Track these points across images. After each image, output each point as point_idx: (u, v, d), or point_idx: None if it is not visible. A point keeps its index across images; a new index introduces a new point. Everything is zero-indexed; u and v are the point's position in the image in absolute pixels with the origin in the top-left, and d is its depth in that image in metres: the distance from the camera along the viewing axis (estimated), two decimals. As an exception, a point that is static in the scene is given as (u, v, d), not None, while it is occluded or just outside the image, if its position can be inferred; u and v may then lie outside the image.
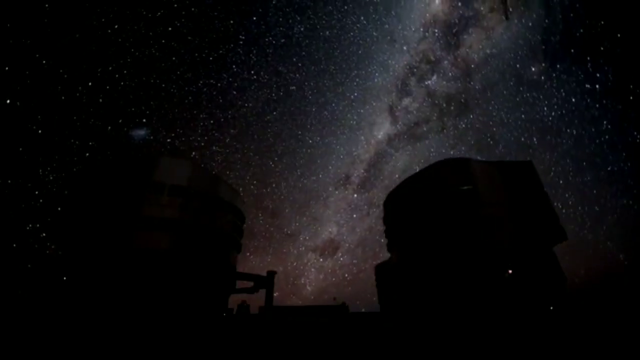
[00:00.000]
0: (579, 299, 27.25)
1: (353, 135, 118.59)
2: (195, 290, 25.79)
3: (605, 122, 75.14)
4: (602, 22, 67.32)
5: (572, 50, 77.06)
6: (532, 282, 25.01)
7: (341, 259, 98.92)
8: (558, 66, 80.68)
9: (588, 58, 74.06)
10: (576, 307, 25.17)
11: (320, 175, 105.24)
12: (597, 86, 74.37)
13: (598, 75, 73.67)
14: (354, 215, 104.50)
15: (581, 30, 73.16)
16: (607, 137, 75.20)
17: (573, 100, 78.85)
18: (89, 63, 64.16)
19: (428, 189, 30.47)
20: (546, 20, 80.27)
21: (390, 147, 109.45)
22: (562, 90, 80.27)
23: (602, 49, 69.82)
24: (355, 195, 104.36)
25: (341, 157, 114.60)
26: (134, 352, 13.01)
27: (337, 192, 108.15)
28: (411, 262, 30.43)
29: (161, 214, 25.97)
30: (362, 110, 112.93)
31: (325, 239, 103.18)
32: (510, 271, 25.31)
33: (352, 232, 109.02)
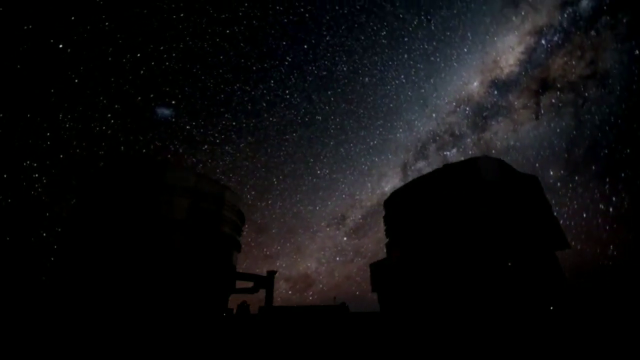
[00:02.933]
0: (579, 297, 27.25)
1: (361, 179, 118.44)
2: (196, 290, 25.83)
3: (611, 247, 71.70)
4: (628, 151, 68.11)
5: (593, 167, 76.51)
6: (531, 282, 25.05)
7: (310, 297, 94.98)
8: (576, 178, 79.79)
9: (607, 179, 73.93)
10: (576, 306, 25.20)
11: (317, 208, 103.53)
12: (610, 209, 72.94)
13: (614, 199, 72.46)
14: (337, 258, 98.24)
15: (606, 151, 73.63)
16: (610, 263, 72.70)
17: (584, 215, 77.08)
18: (157, 44, 72.82)
19: (435, 187, 30.61)
20: (574, 132, 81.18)
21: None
22: (575, 202, 78.78)
23: (622, 175, 70.05)
24: (345, 239, 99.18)
25: (343, 196, 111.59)
26: (135, 351, 13.02)
27: (328, 229, 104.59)
28: (414, 260, 30.47)
29: (172, 215, 26.61)
30: (376, 159, 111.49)
31: (301, 272, 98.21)
32: (509, 264, 25.34)
33: (329, 275, 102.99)
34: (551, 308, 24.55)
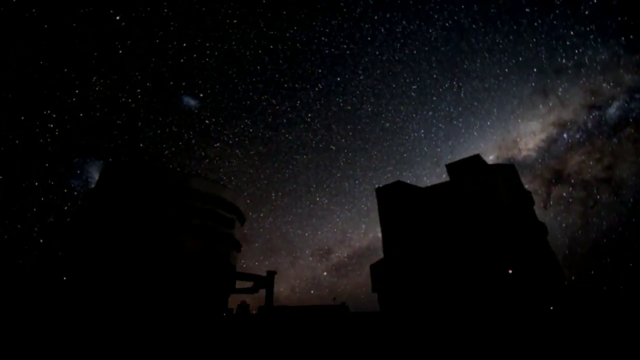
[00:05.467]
0: (578, 296, 27.27)
1: (357, 218, 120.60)
2: (197, 290, 25.82)
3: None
4: (631, 265, 66.53)
5: (592, 272, 73.93)
6: (531, 282, 25.02)
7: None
8: (573, 278, 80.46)
9: (604, 288, 72.67)
10: (576, 305, 25.19)
11: (306, 234, 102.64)
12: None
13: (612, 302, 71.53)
14: (312, 292, 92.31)
15: (608, 259, 72.04)
16: None
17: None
18: (201, 40, 77.14)
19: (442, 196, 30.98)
20: (579, 232, 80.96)
21: (381, 251, 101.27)
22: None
23: (621, 287, 69.27)
24: (325, 274, 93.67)
25: (335, 230, 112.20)
26: (136, 351, 13.03)
27: (310, 259, 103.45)
28: (413, 260, 30.47)
29: (181, 217, 26.99)
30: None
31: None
32: (510, 271, 25.33)
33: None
34: (551, 308, 24.53)
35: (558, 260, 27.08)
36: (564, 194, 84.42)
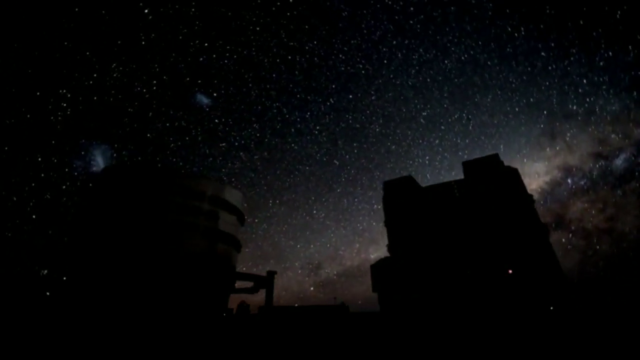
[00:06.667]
0: (579, 295, 27.25)
1: (351, 237, 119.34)
2: (198, 290, 25.82)
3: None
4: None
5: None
6: (531, 282, 25.01)
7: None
8: None
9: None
10: (576, 305, 25.18)
11: (298, 246, 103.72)
12: None
13: None
14: (295, 304, 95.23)
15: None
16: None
17: None
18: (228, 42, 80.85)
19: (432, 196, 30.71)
20: (575, 280, 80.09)
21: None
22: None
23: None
24: (312, 289, 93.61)
25: (328, 245, 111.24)
26: (136, 351, 13.03)
27: (299, 271, 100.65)
28: (415, 260, 30.46)
29: (182, 218, 27.03)
30: (374, 224, 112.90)
31: (251, 304, 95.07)
32: (510, 271, 25.33)
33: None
34: (551, 308, 24.52)
35: (558, 261, 27.08)
36: (563, 240, 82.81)
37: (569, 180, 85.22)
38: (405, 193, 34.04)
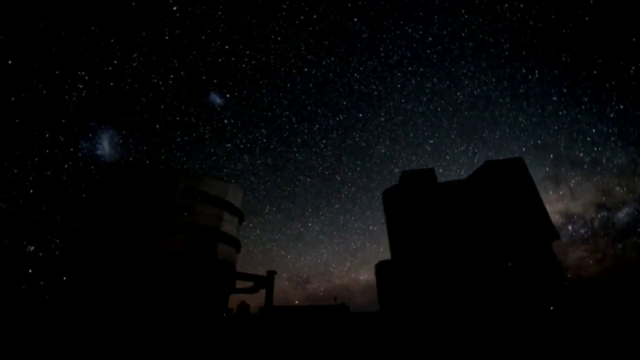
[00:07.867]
0: (578, 297, 27.28)
1: (343, 255, 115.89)
2: (197, 290, 25.82)
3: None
4: None
5: None
6: (531, 282, 25.03)
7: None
8: None
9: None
10: (576, 305, 25.20)
11: (289, 257, 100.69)
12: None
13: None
14: (295, 302, 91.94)
15: None
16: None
17: None
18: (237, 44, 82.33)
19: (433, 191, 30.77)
20: None
21: (359, 294, 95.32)
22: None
23: None
24: (296, 302, 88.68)
25: (318, 260, 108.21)
26: (136, 351, 13.03)
27: (286, 283, 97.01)
28: (416, 260, 30.49)
29: (185, 219, 27.03)
30: (367, 244, 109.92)
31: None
32: (510, 264, 25.42)
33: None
34: (551, 308, 24.53)
35: (559, 261, 27.09)
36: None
37: (570, 227, 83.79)
38: (412, 191, 34.16)
